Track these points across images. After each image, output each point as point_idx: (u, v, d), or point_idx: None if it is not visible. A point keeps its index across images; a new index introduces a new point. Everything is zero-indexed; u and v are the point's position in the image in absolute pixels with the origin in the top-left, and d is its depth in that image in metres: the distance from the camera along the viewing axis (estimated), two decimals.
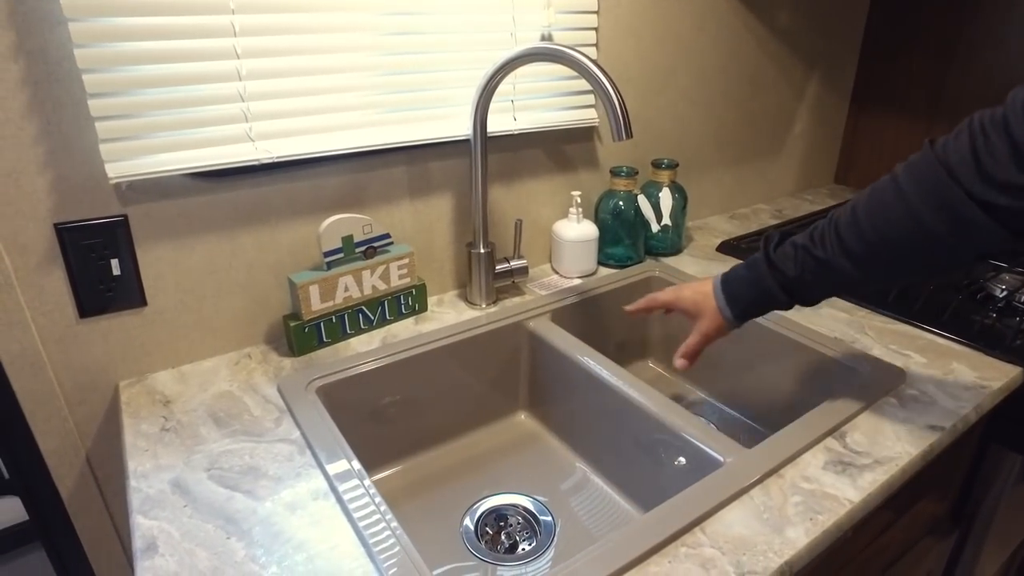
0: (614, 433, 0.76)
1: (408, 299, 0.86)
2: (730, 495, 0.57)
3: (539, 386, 0.88)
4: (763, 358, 0.87)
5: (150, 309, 0.73)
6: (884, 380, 0.73)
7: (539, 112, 0.90)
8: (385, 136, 0.79)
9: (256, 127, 0.70)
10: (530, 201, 0.97)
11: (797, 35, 1.21)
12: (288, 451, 0.63)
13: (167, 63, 0.63)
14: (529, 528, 0.74)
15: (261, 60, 0.69)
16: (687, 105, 1.10)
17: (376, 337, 0.82)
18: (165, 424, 0.67)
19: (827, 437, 0.65)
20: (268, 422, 0.67)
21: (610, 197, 0.99)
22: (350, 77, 0.75)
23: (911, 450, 0.63)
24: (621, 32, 0.97)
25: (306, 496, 0.57)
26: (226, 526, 0.54)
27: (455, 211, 0.90)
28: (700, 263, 1.03)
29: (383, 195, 0.84)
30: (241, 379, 0.74)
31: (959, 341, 0.81)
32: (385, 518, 0.54)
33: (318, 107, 0.74)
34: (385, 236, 0.82)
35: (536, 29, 0.86)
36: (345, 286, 0.80)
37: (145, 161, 0.65)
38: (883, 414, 0.69)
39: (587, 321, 0.94)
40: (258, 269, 0.78)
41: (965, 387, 0.73)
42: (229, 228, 0.75)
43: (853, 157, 1.40)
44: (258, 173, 0.74)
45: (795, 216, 1.24)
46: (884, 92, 1.32)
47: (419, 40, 0.78)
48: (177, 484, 0.58)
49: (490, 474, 0.81)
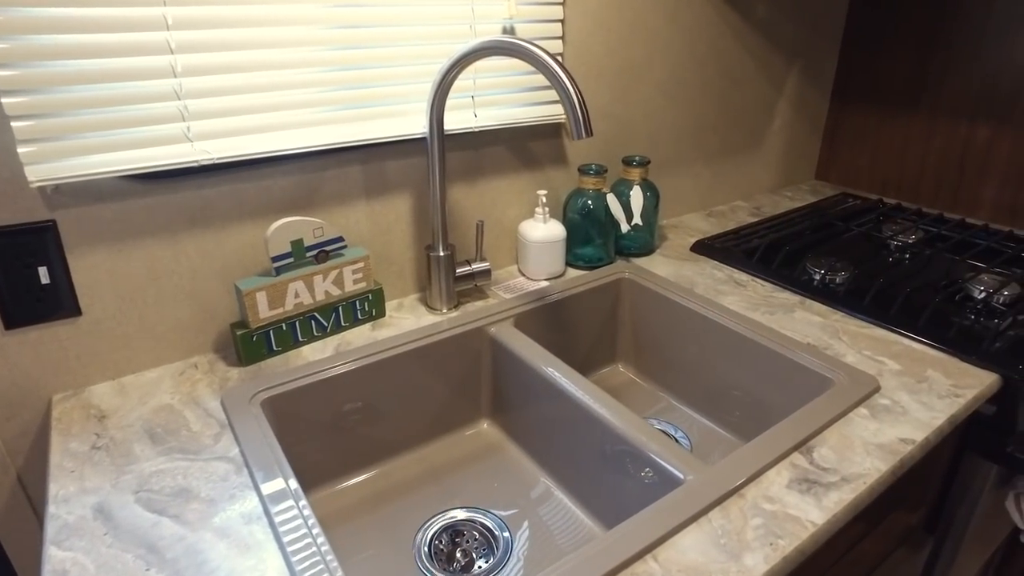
0: (576, 445, 0.73)
1: (364, 304, 0.83)
2: (687, 518, 0.54)
3: (502, 394, 0.85)
4: (735, 364, 0.84)
5: (86, 319, 0.69)
6: (856, 389, 0.70)
7: (501, 108, 0.86)
8: (337, 135, 0.76)
9: (194, 126, 0.67)
10: (495, 201, 0.93)
11: (776, 27, 1.17)
12: (224, 470, 0.60)
13: (92, 58, 0.59)
14: (486, 545, 0.71)
15: (198, 55, 0.65)
16: (662, 99, 1.06)
17: (330, 345, 0.79)
18: (97, 442, 0.63)
19: (794, 452, 0.62)
20: (207, 438, 0.64)
21: (579, 196, 0.96)
22: (296, 73, 0.71)
23: (880, 466, 0.60)
24: (590, 25, 0.93)
25: (238, 520, 0.54)
26: (147, 555, 0.51)
27: (414, 212, 0.87)
28: (672, 264, 1.00)
29: (337, 196, 0.80)
30: (184, 391, 0.71)
31: (935, 346, 0.78)
32: (317, 543, 0.51)
33: (262, 105, 0.70)
34: (338, 239, 0.79)
35: (497, 22, 0.82)
36: (295, 292, 0.76)
37: (72, 163, 0.61)
38: (853, 426, 0.66)
39: (553, 325, 0.91)
40: (203, 275, 0.74)
41: (939, 396, 0.70)
42: (170, 233, 0.71)
43: (835, 152, 1.36)
44: (200, 175, 0.70)
45: (774, 213, 1.21)
46: (865, 86, 1.28)
47: (370, 33, 0.74)
48: (100, 509, 0.55)
49: (449, 487, 0.78)
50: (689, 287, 0.93)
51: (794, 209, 1.22)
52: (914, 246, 1.07)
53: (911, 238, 1.09)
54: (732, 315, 0.84)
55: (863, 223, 1.14)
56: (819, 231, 1.11)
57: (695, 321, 0.87)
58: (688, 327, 0.89)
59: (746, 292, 0.91)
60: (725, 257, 1.01)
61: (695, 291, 0.91)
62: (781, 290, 0.92)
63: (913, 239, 1.09)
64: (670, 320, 0.91)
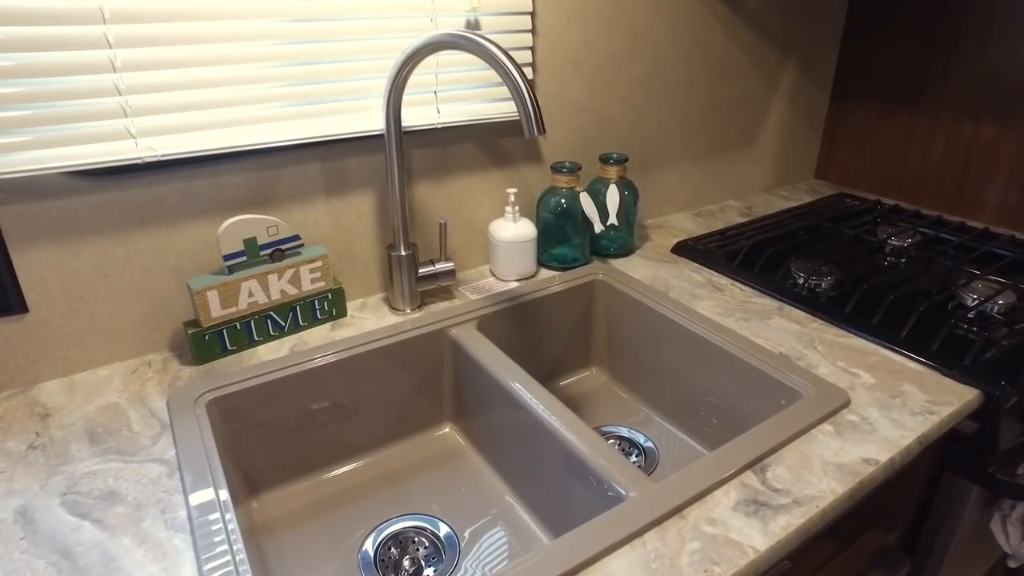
0: (530, 454, 0.71)
1: (324, 304, 0.81)
2: (621, 538, 0.51)
3: (463, 398, 0.83)
4: (706, 373, 0.80)
5: (33, 316, 0.68)
6: (823, 403, 0.67)
7: (466, 104, 0.84)
8: (294, 131, 0.74)
9: (138, 123, 0.65)
10: (464, 199, 0.91)
11: (770, 21, 1.12)
12: (157, 473, 0.58)
13: (24, 52, 0.58)
14: (435, 553, 0.69)
15: (138, 50, 0.63)
16: (644, 95, 1.03)
17: (286, 344, 0.78)
18: (35, 441, 0.62)
19: (746, 470, 0.59)
20: (146, 439, 0.63)
21: (552, 194, 0.93)
22: (249, 68, 0.70)
23: (837, 488, 0.57)
24: (564, 17, 0.90)
25: (160, 528, 0.53)
26: (60, 562, 0.50)
27: (378, 210, 0.85)
28: (651, 266, 0.97)
29: (295, 194, 0.79)
30: (133, 390, 0.70)
31: (915, 358, 0.74)
32: (235, 556, 0.50)
33: (213, 100, 0.69)
34: (294, 238, 0.77)
35: (461, 14, 0.79)
36: (249, 291, 0.75)
37: (7, 159, 0.60)
38: (815, 443, 0.62)
39: (522, 328, 0.89)
40: (156, 273, 0.73)
41: (912, 412, 0.66)
42: (120, 230, 0.70)
43: (834, 151, 1.31)
44: (150, 171, 0.69)
45: (766, 213, 1.16)
46: (866, 82, 1.23)
47: (327, 27, 0.72)
48: (23, 512, 0.54)
49: (403, 493, 0.76)
50: (664, 291, 0.89)
51: (787, 209, 1.18)
52: (909, 249, 1.02)
53: (906, 241, 1.04)
54: (704, 321, 0.81)
55: (857, 225, 1.09)
56: (809, 233, 1.07)
57: (667, 327, 0.84)
58: (660, 333, 0.85)
59: (723, 297, 0.88)
60: (706, 259, 0.97)
61: (669, 295, 0.88)
62: (760, 295, 0.89)
63: (909, 242, 1.04)
64: (643, 325, 0.88)
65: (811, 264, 0.92)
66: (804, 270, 0.92)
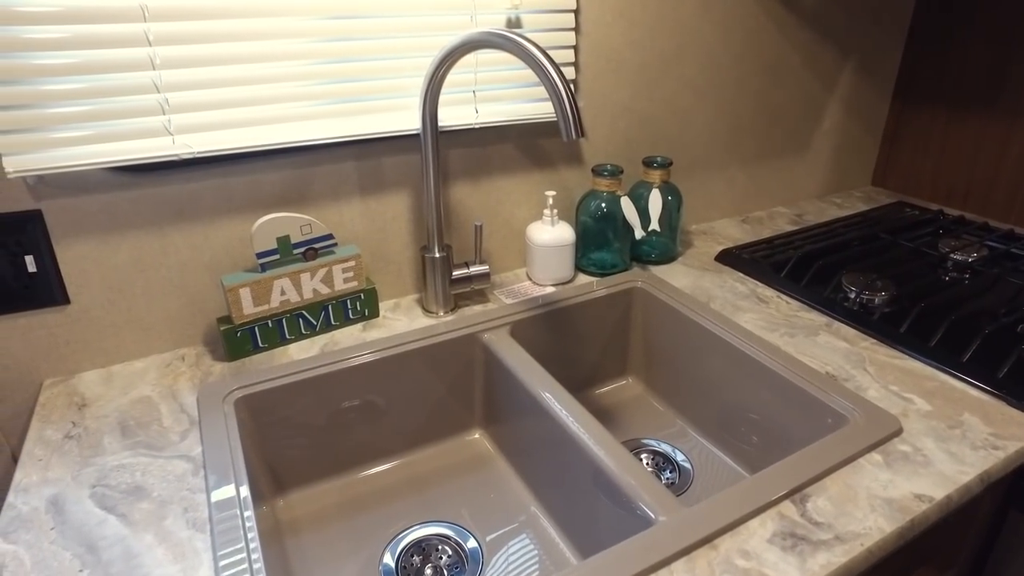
0: (559, 466, 0.69)
1: (356, 304, 0.80)
2: (647, 567, 0.49)
3: (493, 404, 0.81)
4: (745, 389, 0.77)
5: (74, 307, 0.70)
6: (872, 430, 0.63)
7: (505, 104, 0.82)
8: (329, 129, 0.73)
9: (176, 120, 0.66)
10: (502, 201, 0.89)
11: (827, 19, 1.07)
12: (182, 470, 0.59)
13: (67, 50, 0.59)
14: (458, 563, 0.68)
15: (177, 47, 0.63)
16: (691, 97, 0.99)
17: (317, 344, 0.77)
18: (71, 430, 0.64)
19: (784, 500, 0.55)
20: (175, 435, 0.63)
21: (592, 198, 0.90)
22: (283, 66, 0.69)
23: (885, 526, 0.53)
24: (609, 16, 0.87)
25: (181, 527, 0.53)
26: (85, 555, 0.50)
27: (413, 210, 0.84)
28: (693, 274, 0.93)
29: (330, 193, 0.78)
30: (166, 384, 0.71)
31: (978, 386, 0.69)
32: (251, 560, 0.49)
33: (250, 98, 0.69)
34: (327, 237, 0.77)
35: (502, 12, 0.77)
36: (282, 289, 0.75)
37: (51, 155, 0.61)
38: (862, 474, 0.58)
39: (555, 334, 0.86)
40: (192, 268, 0.74)
41: (973, 446, 0.61)
42: (158, 225, 0.71)
43: (894, 157, 1.24)
44: (187, 168, 0.70)
45: (817, 222, 1.11)
46: (933, 84, 1.15)
47: (365, 24, 0.71)
48: (55, 502, 0.55)
49: (429, 499, 0.75)
50: (706, 301, 0.86)
51: (840, 218, 1.12)
52: (974, 265, 0.96)
53: (972, 256, 0.97)
54: (745, 335, 0.77)
55: (916, 237, 1.03)
56: (863, 244, 1.01)
57: (706, 339, 0.80)
58: (699, 344, 0.82)
59: (767, 310, 0.84)
60: (751, 269, 0.93)
61: (711, 306, 0.84)
62: (808, 309, 0.84)
63: (974, 257, 0.97)
64: (682, 335, 0.84)
65: (864, 278, 0.87)
66: (856, 284, 0.86)
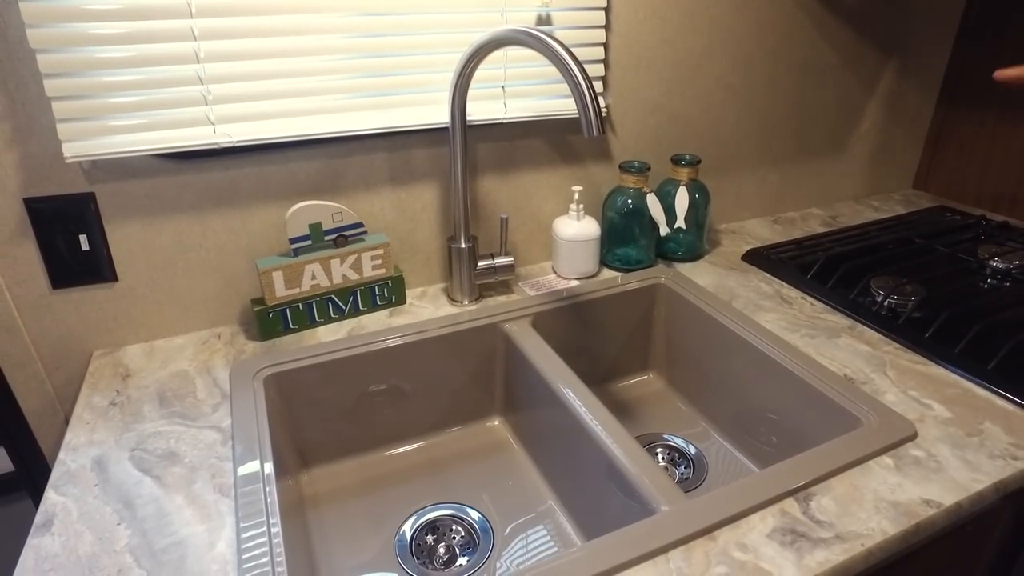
0: (572, 455, 0.70)
1: (384, 291, 0.84)
2: (644, 552, 0.50)
3: (513, 393, 0.83)
4: (764, 389, 0.77)
5: (121, 284, 0.75)
6: (886, 434, 0.62)
7: (533, 99, 0.83)
8: (362, 121, 0.76)
9: (216, 110, 0.70)
10: (530, 194, 0.91)
11: (870, 18, 1.04)
12: (212, 439, 0.63)
13: (120, 45, 0.63)
14: (470, 543, 0.71)
15: (220, 42, 0.67)
16: (724, 95, 0.99)
17: (345, 327, 0.81)
18: (115, 398, 0.68)
19: (788, 497, 0.56)
20: (207, 407, 0.67)
21: (619, 194, 0.91)
22: (318, 60, 0.72)
23: (888, 528, 0.53)
24: (641, 13, 0.87)
25: (209, 490, 0.57)
26: (122, 511, 0.54)
27: (442, 201, 0.86)
28: (718, 273, 0.93)
29: (361, 182, 0.81)
30: (202, 359, 0.75)
31: (1002, 394, 0.68)
32: (271, 531, 0.53)
33: (285, 91, 0.72)
34: (358, 225, 0.80)
35: (532, 9, 0.79)
36: (312, 274, 0.78)
37: (104, 141, 0.66)
38: (870, 476, 0.58)
39: (577, 327, 0.88)
40: (229, 251, 0.78)
41: (991, 455, 0.60)
42: (198, 209, 0.75)
43: (938, 160, 1.21)
44: (226, 156, 0.74)
45: (849, 224, 1.09)
46: (982, 84, 1.12)
47: (397, 21, 0.74)
48: (99, 461, 0.60)
49: (447, 480, 0.78)
50: (728, 299, 0.86)
51: (875, 221, 1.10)
52: (1015, 273, 0.93)
53: (1013, 263, 0.94)
54: (765, 335, 0.77)
55: (955, 242, 1.00)
56: (896, 247, 0.99)
57: (726, 337, 0.81)
58: (719, 343, 0.82)
59: (790, 311, 0.83)
60: (777, 269, 0.92)
61: (733, 304, 0.84)
62: (832, 311, 0.83)
63: (1016, 264, 0.94)
64: (703, 333, 0.85)
65: (893, 281, 0.86)
66: (884, 287, 0.85)
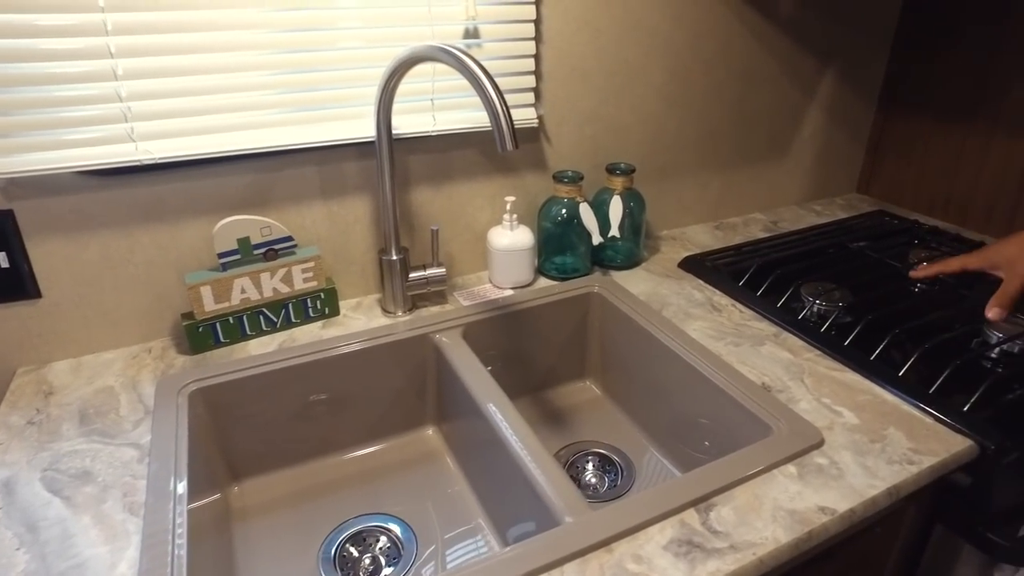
0: (494, 467, 0.71)
1: (316, 303, 0.84)
2: (537, 567, 0.51)
3: (444, 403, 0.84)
4: (690, 398, 0.78)
5: (46, 300, 0.74)
6: (793, 442, 0.64)
7: (463, 112, 0.84)
8: (291, 136, 0.77)
9: (138, 127, 0.70)
10: (464, 205, 0.92)
11: (806, 26, 1.06)
12: (129, 457, 0.63)
13: (31, 62, 0.63)
14: (395, 554, 0.71)
15: (139, 59, 0.67)
16: (661, 104, 1.00)
17: (277, 340, 0.81)
18: (34, 417, 0.68)
19: (690, 508, 0.57)
20: (128, 424, 0.67)
21: (553, 204, 0.92)
22: (245, 76, 0.73)
23: (781, 537, 0.54)
24: (573, 24, 0.88)
25: (119, 509, 0.57)
26: (25, 535, 0.55)
27: (375, 213, 0.87)
28: (653, 280, 0.94)
29: (292, 196, 0.82)
30: (130, 375, 0.75)
31: (910, 400, 0.69)
32: (175, 547, 0.53)
33: (211, 107, 0.72)
34: (287, 239, 0.80)
35: (459, 23, 0.79)
36: (242, 288, 0.79)
37: (20, 159, 0.66)
38: (772, 485, 0.59)
39: (510, 336, 0.89)
40: (159, 266, 0.78)
41: (890, 460, 0.62)
42: (125, 225, 0.75)
43: (878, 165, 1.23)
44: (152, 172, 0.74)
45: (790, 229, 1.10)
46: (917, 92, 1.14)
47: (320, 36, 0.74)
48: (7, 484, 0.60)
49: (376, 491, 0.79)
50: (659, 308, 0.87)
51: (816, 226, 1.11)
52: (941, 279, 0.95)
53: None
54: (690, 344, 0.78)
55: (887, 247, 1.02)
56: (831, 253, 1.01)
57: (653, 346, 0.82)
58: (649, 351, 0.83)
59: (719, 318, 0.85)
60: (711, 276, 0.94)
61: (663, 313, 0.85)
62: (759, 319, 0.85)
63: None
64: (634, 342, 0.86)
65: (822, 287, 0.88)
66: (813, 293, 0.87)
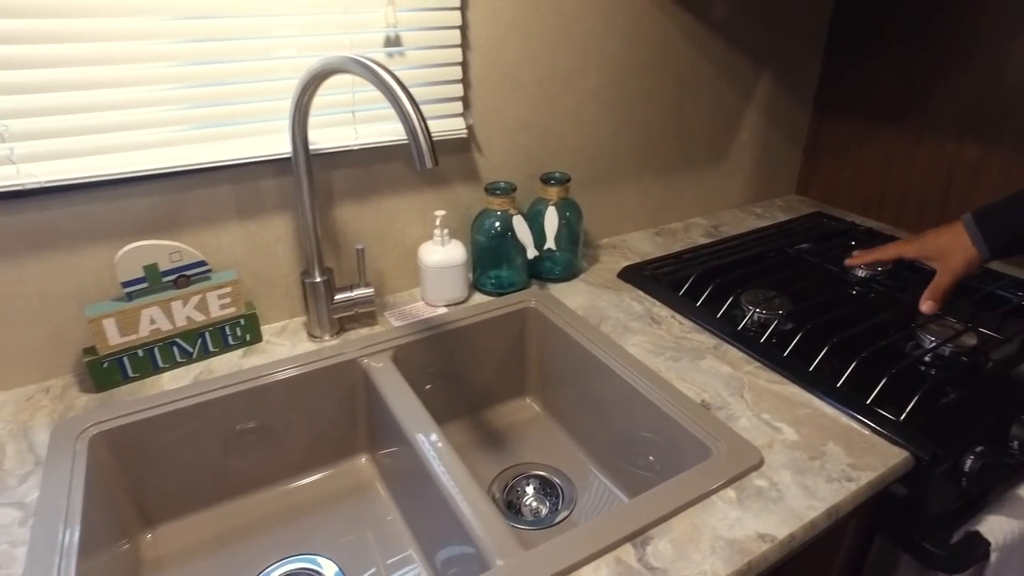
0: (424, 501, 0.67)
1: (236, 329, 0.79)
2: None
3: (376, 429, 0.80)
4: (629, 417, 0.76)
5: None
6: (733, 464, 0.62)
7: (388, 124, 0.80)
8: (199, 154, 0.71)
9: (19, 148, 0.63)
10: (392, 221, 0.87)
11: (740, 29, 1.05)
12: (10, 519, 0.57)
13: None
14: None
15: (15, 72, 0.61)
16: (598, 109, 0.97)
17: (192, 372, 0.75)
18: None
19: (626, 543, 0.54)
20: (14, 478, 0.61)
21: (486, 216, 0.88)
22: (141, 91, 0.67)
23: (720, 570, 0.52)
24: (502, 30, 0.85)
25: None
26: None
27: (297, 232, 0.82)
28: (592, 292, 0.92)
29: (205, 217, 0.76)
30: (21, 420, 0.68)
31: (847, 412, 0.68)
32: None
33: (103, 125, 0.66)
34: (200, 263, 0.74)
35: (379, 31, 0.75)
36: (151, 318, 0.73)
37: None
38: (711, 513, 0.57)
39: (444, 356, 0.85)
40: (55, 299, 0.72)
41: (829, 478, 0.61)
42: (13, 255, 0.68)
43: (816, 167, 1.23)
44: (42, 196, 0.67)
45: (730, 234, 1.10)
46: (849, 94, 1.15)
47: (226, 47, 0.69)
48: None
49: (303, 530, 0.74)
50: (597, 322, 0.85)
51: (755, 230, 1.11)
52: (877, 281, 0.95)
53: (877, 270, 0.97)
54: (628, 361, 0.76)
55: (826, 250, 1.02)
56: (771, 258, 1.01)
57: (591, 363, 0.79)
58: (587, 368, 0.81)
59: (658, 332, 0.83)
60: (650, 287, 0.92)
61: (600, 328, 0.83)
62: (699, 330, 0.83)
63: (879, 270, 0.97)
64: (572, 359, 0.83)
65: (761, 295, 0.87)
66: (753, 302, 0.86)
